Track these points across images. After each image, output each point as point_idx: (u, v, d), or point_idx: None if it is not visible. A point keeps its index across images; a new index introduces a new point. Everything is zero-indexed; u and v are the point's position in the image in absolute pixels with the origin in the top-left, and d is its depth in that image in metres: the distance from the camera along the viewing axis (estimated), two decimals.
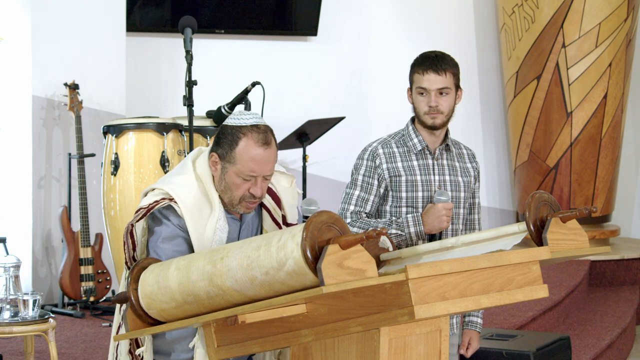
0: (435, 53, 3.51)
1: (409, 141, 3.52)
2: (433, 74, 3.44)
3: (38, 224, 6.08)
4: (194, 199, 2.95)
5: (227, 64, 7.38)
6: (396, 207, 3.48)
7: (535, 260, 2.66)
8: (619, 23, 7.60)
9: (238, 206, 2.97)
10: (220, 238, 2.95)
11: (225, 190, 2.96)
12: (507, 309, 5.80)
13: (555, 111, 7.68)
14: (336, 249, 2.41)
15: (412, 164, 3.50)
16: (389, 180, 3.48)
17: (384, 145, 3.52)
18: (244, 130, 2.93)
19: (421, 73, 3.47)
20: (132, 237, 2.97)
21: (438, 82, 3.45)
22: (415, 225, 3.39)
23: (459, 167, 3.58)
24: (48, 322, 4.22)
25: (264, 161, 2.92)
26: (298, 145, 6.71)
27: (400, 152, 3.51)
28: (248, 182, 2.93)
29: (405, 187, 3.47)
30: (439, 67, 3.44)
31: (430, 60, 3.46)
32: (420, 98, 3.49)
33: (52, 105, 6.10)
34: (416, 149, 3.51)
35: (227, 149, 2.94)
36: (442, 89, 3.45)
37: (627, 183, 8.42)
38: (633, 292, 7.37)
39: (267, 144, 2.93)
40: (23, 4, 6.13)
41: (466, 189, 3.58)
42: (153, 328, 2.79)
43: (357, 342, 2.51)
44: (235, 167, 2.93)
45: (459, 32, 8.23)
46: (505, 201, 8.45)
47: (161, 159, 5.50)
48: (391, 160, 3.49)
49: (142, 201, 3.00)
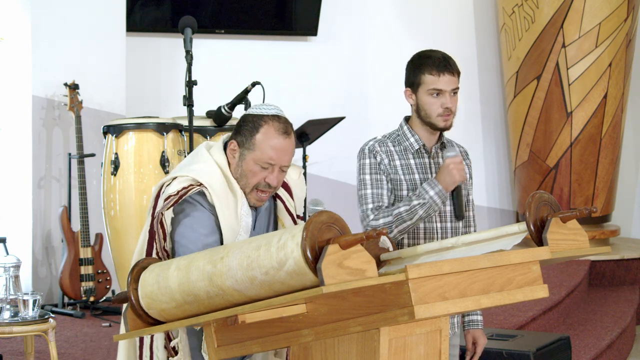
0: (442, 53, 3.48)
1: (405, 141, 3.50)
2: (449, 75, 3.41)
3: (38, 224, 6.08)
4: (220, 186, 2.94)
5: (227, 64, 7.38)
6: None
7: (535, 260, 2.66)
8: (619, 23, 7.60)
9: (249, 195, 2.96)
10: (246, 223, 2.95)
11: (240, 177, 2.96)
12: (507, 309, 5.80)
13: (555, 111, 7.68)
14: (336, 249, 2.41)
15: (410, 163, 3.49)
16: (389, 177, 3.47)
17: (381, 144, 3.51)
18: (266, 119, 2.94)
19: (436, 74, 3.42)
20: (162, 227, 2.92)
21: (452, 82, 3.43)
22: (433, 188, 3.38)
23: None
24: (48, 322, 4.22)
25: (283, 150, 2.93)
26: (298, 145, 6.70)
27: (397, 151, 3.50)
28: (265, 170, 2.93)
29: (405, 186, 3.46)
30: (452, 67, 3.43)
31: (444, 62, 3.43)
32: (432, 100, 3.44)
33: (52, 105, 6.10)
34: (413, 148, 3.49)
35: (248, 135, 2.94)
36: (455, 89, 3.45)
37: (627, 183, 8.42)
38: (633, 292, 7.37)
39: (287, 134, 2.94)
40: (23, 4, 6.13)
41: (463, 187, 3.57)
42: (153, 328, 2.79)
43: (357, 342, 2.51)
44: (254, 154, 2.93)
45: (459, 32, 8.23)
46: (505, 201, 8.45)
47: (161, 159, 5.50)
48: (390, 158, 3.48)
49: (167, 189, 2.95)
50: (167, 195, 2.93)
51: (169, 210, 2.92)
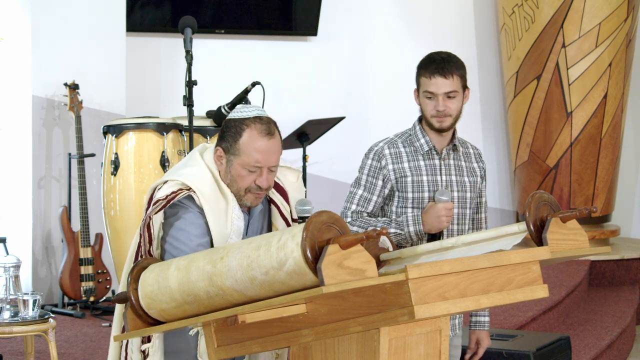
0: (442, 55, 3.47)
1: (416, 141, 3.51)
2: (440, 77, 3.41)
3: (38, 224, 6.08)
4: (210, 190, 2.95)
5: (227, 64, 7.38)
6: (402, 208, 3.47)
7: (535, 260, 2.66)
8: (619, 23, 7.60)
9: (244, 198, 2.96)
10: (238, 227, 2.95)
11: (231, 183, 2.96)
12: (507, 309, 5.80)
13: (555, 111, 7.68)
14: (336, 249, 2.41)
15: (419, 164, 3.48)
16: (394, 182, 3.46)
17: (390, 146, 3.50)
18: (247, 122, 2.93)
19: (428, 77, 3.43)
20: (149, 230, 2.93)
21: (445, 86, 3.42)
22: (415, 225, 3.37)
23: (466, 166, 3.57)
24: (48, 322, 4.21)
25: (268, 151, 2.93)
26: (298, 145, 6.71)
27: (407, 152, 3.49)
28: (253, 173, 2.93)
29: (411, 188, 3.46)
30: (446, 70, 3.41)
31: (437, 64, 3.42)
32: (427, 101, 3.46)
33: (52, 105, 6.10)
34: (423, 150, 3.49)
35: (231, 141, 2.94)
36: (450, 92, 3.43)
37: (627, 183, 8.42)
38: (633, 292, 7.37)
39: (270, 135, 2.93)
40: (23, 4, 6.13)
41: (472, 189, 3.57)
42: (153, 328, 2.79)
43: (357, 342, 2.51)
44: (240, 159, 2.93)
45: (459, 32, 8.23)
46: (505, 201, 8.46)
47: (161, 159, 5.50)
48: (397, 161, 3.47)
49: (158, 193, 2.96)
50: (156, 199, 2.94)
51: (158, 214, 2.93)
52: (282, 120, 5.59)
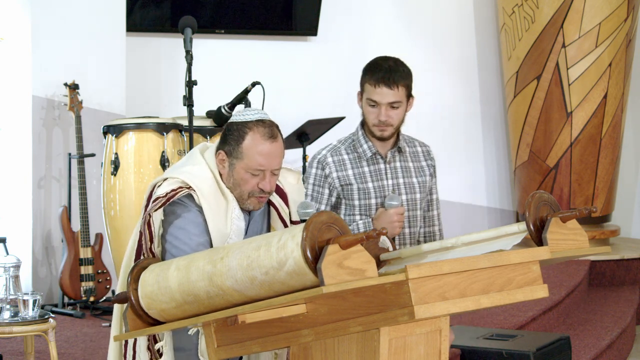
0: (389, 63, 3.39)
1: (359, 147, 3.45)
2: (385, 87, 3.35)
3: (38, 224, 6.08)
4: (209, 189, 2.95)
5: (227, 64, 7.38)
6: (350, 215, 3.44)
7: (535, 260, 2.66)
8: (619, 23, 7.60)
9: (247, 202, 2.96)
10: (238, 227, 2.95)
11: (234, 186, 2.96)
12: (507, 309, 5.80)
13: (555, 111, 7.68)
14: (336, 249, 2.41)
15: (363, 171, 3.43)
16: (340, 189, 3.42)
17: (334, 153, 3.46)
18: (250, 125, 2.93)
19: (373, 85, 3.37)
20: (149, 228, 2.93)
21: (389, 96, 3.36)
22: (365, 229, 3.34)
23: (414, 167, 3.51)
24: (48, 322, 4.21)
25: (271, 155, 2.93)
26: (298, 145, 6.71)
27: (350, 159, 3.44)
28: (256, 177, 2.93)
29: (357, 195, 3.41)
30: (391, 81, 3.35)
31: (383, 73, 3.36)
32: (370, 109, 3.40)
33: (52, 105, 6.10)
34: (367, 155, 3.44)
35: (234, 145, 2.93)
36: (393, 102, 3.37)
37: (627, 183, 8.42)
38: (633, 292, 7.37)
39: (273, 138, 2.93)
40: (23, 4, 6.13)
41: (422, 190, 3.51)
42: (153, 328, 2.79)
43: (357, 342, 2.51)
44: (243, 163, 2.92)
45: (459, 32, 8.22)
46: (505, 201, 8.45)
47: (161, 159, 5.50)
48: (341, 169, 3.42)
49: (157, 190, 2.95)
50: (156, 196, 2.94)
51: (158, 212, 2.93)
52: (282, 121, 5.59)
